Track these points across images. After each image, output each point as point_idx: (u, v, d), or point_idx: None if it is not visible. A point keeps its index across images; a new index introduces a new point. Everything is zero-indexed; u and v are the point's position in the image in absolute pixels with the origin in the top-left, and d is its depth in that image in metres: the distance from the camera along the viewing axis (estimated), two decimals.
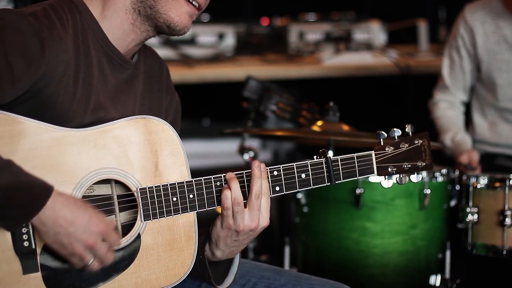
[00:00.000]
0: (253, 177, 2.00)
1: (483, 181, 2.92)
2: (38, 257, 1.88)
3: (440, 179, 3.02)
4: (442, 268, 3.02)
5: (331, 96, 3.25)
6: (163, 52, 4.33)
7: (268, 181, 2.03)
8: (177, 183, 1.98)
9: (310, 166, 2.06)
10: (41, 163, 1.88)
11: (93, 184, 1.94)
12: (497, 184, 2.88)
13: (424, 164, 2.16)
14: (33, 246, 1.87)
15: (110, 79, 2.04)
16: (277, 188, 2.05)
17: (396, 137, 2.14)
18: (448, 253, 3.01)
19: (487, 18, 3.45)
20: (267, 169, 2.03)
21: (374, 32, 4.78)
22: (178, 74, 4.15)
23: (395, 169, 2.13)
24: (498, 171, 3.17)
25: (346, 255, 2.94)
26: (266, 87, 3.51)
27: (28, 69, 1.87)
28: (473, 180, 2.94)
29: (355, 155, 2.10)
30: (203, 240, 2.08)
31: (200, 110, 4.99)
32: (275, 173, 2.04)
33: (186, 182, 1.98)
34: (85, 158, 1.91)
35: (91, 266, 1.88)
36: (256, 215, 2.00)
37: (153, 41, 4.32)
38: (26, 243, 1.86)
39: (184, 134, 2.43)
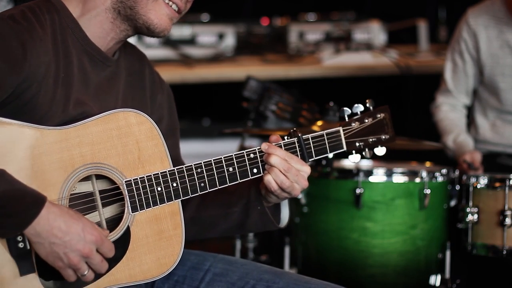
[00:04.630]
0: (269, 157, 2.04)
1: (483, 181, 2.92)
2: (34, 257, 1.88)
3: (440, 179, 3.02)
4: (442, 268, 3.02)
5: (331, 96, 3.25)
6: (163, 52, 4.33)
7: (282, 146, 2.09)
8: (160, 173, 2.00)
9: (284, 147, 2.09)
10: (27, 164, 1.88)
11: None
12: (497, 184, 2.88)
13: (388, 136, 2.20)
14: (28, 247, 1.87)
15: (91, 77, 2.05)
16: (255, 170, 2.08)
17: (359, 112, 2.19)
18: (448, 253, 3.01)
19: (491, 22, 3.44)
20: (268, 145, 2.07)
21: (374, 32, 4.78)
22: (178, 74, 4.15)
23: (362, 143, 2.18)
24: (500, 169, 3.17)
25: (346, 255, 2.94)
26: (266, 87, 3.51)
27: (12, 73, 1.87)
28: (473, 180, 2.94)
29: (324, 132, 2.14)
30: (257, 192, 2.13)
31: (200, 110, 4.99)
32: (252, 155, 2.07)
33: (169, 171, 2.01)
34: (70, 155, 1.92)
35: (86, 277, 1.89)
36: (296, 174, 2.05)
37: (153, 41, 4.32)
38: (21, 244, 1.86)
39: (184, 134, 2.43)
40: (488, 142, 3.52)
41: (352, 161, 2.20)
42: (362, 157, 2.19)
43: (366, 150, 2.18)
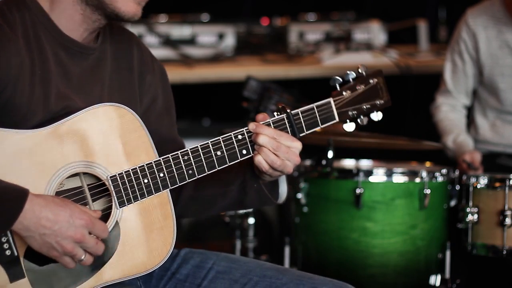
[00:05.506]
0: (257, 137, 2.01)
1: (483, 181, 2.92)
2: (22, 263, 1.87)
3: (440, 179, 3.02)
4: (442, 268, 3.02)
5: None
6: (163, 52, 4.32)
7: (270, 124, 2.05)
8: (146, 164, 1.97)
9: (273, 124, 2.05)
10: (9, 170, 1.86)
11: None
12: (497, 184, 2.88)
13: (382, 101, 2.13)
14: (16, 253, 1.86)
15: (71, 69, 2.02)
16: (244, 152, 2.04)
17: (351, 79, 2.12)
18: (448, 253, 3.01)
19: (490, 23, 3.45)
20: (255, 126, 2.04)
21: (374, 32, 4.77)
22: (178, 74, 4.15)
23: (355, 112, 2.11)
24: (500, 170, 3.17)
25: (346, 255, 2.95)
26: (266, 87, 3.51)
27: None
28: (473, 180, 2.94)
29: (314, 105, 2.09)
30: (252, 170, 2.09)
31: (200, 110, 4.99)
32: (240, 137, 2.03)
33: (154, 161, 1.98)
34: (51, 157, 1.90)
35: (84, 262, 1.87)
36: (286, 152, 2.01)
37: (153, 41, 4.32)
38: (8, 252, 1.85)
39: (184, 134, 2.42)
40: (488, 142, 3.52)
41: (347, 129, 2.12)
42: (358, 124, 2.13)
43: (361, 117, 2.12)
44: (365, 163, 3.28)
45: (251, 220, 3.26)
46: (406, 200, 2.96)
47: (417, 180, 2.98)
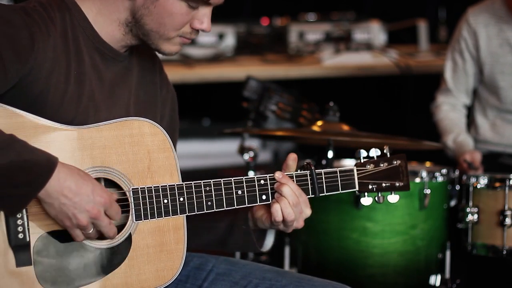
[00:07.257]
0: (282, 186, 2.06)
1: (483, 181, 2.92)
2: (32, 251, 1.89)
3: (440, 179, 3.02)
4: (442, 268, 3.02)
5: (331, 96, 3.25)
6: None
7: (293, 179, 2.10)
8: (168, 185, 2.00)
9: (296, 178, 2.10)
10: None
11: None
12: (497, 184, 2.88)
13: (402, 184, 2.20)
14: (27, 239, 1.88)
15: (105, 74, 2.06)
16: (264, 197, 2.08)
17: (375, 156, 2.20)
18: (448, 253, 3.01)
19: (491, 21, 3.45)
20: (281, 174, 2.09)
21: (374, 32, 4.78)
22: (178, 74, 4.15)
23: (375, 186, 2.18)
24: (502, 169, 3.17)
25: (346, 255, 2.95)
26: (266, 87, 3.51)
27: (18, 61, 1.88)
28: (473, 180, 2.94)
29: (337, 169, 2.15)
30: (244, 212, 2.13)
31: (200, 110, 5.00)
32: (262, 182, 2.08)
33: (177, 185, 2.01)
34: (79, 156, 1.93)
35: (90, 235, 1.90)
36: (300, 212, 2.08)
37: None
38: (20, 235, 1.87)
39: (184, 134, 2.43)
40: (488, 142, 3.52)
41: (364, 204, 2.20)
42: (374, 201, 2.20)
43: (379, 194, 2.19)
44: None
45: None
46: (406, 200, 2.96)
47: (417, 180, 2.97)
